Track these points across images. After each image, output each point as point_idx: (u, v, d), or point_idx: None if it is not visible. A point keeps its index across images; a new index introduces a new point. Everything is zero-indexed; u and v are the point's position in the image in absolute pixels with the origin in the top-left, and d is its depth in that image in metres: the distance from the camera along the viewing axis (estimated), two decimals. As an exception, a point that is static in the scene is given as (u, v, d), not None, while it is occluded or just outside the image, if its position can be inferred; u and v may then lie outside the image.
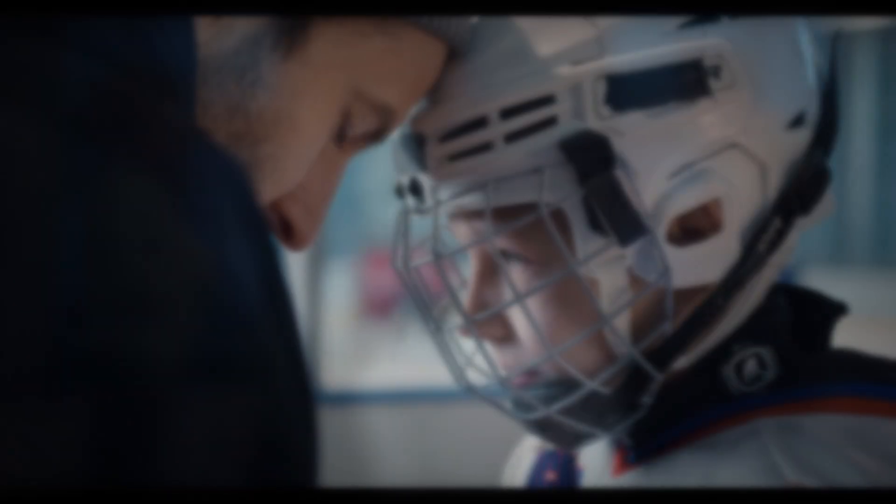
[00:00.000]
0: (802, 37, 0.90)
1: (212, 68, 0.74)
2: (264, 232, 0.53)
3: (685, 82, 0.85)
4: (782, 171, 0.89)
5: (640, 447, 0.91)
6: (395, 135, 0.90)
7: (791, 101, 0.89)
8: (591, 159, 0.84)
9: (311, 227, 0.82)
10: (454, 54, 0.85)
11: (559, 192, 0.84)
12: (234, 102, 0.74)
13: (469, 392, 0.93)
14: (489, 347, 0.92)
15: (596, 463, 0.96)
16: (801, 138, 0.89)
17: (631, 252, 0.86)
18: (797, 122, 0.89)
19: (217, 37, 0.73)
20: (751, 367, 0.90)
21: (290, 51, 0.75)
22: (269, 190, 0.78)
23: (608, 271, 0.86)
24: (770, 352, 0.90)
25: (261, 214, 0.54)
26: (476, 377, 0.93)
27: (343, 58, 0.77)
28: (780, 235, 0.89)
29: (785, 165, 0.89)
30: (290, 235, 0.82)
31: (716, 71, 0.86)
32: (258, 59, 0.75)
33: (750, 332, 0.90)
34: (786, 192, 0.89)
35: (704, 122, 0.86)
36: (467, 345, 0.95)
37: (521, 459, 1.05)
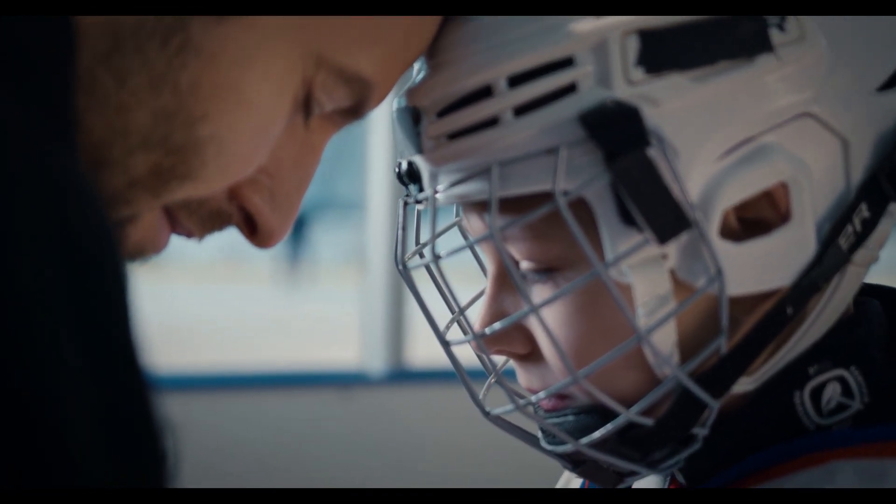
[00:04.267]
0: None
1: (126, 31, 0.60)
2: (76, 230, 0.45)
3: (739, 36, 0.68)
4: (870, 146, 0.71)
5: (693, 488, 0.74)
6: (393, 108, 0.74)
7: (880, 56, 0.71)
8: (620, 136, 0.66)
9: (279, 220, 0.68)
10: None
11: (580, 176, 0.67)
12: (158, 73, 0.60)
13: (490, 419, 0.76)
14: (517, 367, 0.76)
15: None
16: (894, 104, 0.71)
17: (673, 251, 0.69)
18: (890, 83, 0.71)
19: None
20: (831, 393, 0.72)
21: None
22: (216, 177, 0.64)
23: (644, 275, 0.69)
24: (857, 375, 0.71)
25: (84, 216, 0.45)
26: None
27: (299, 17, 0.62)
28: (868, 226, 0.71)
29: (873, 138, 0.71)
30: (254, 230, 0.67)
31: (779, 20, 0.68)
32: (184, 19, 0.60)
33: (831, 349, 0.72)
34: (874, 171, 0.71)
35: (765, 85, 0.68)
36: (495, 359, 0.79)
37: (569, 482, 0.89)
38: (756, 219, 0.70)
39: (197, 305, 15.73)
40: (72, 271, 0.43)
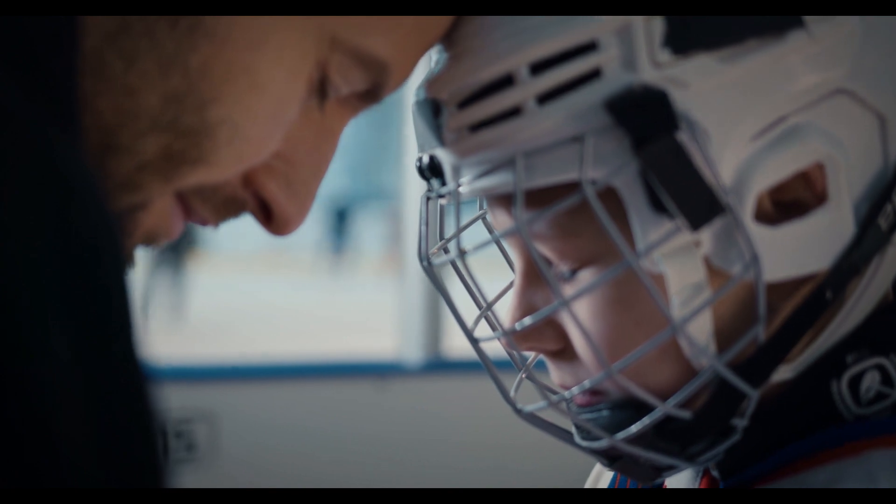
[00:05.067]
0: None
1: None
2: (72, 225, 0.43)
3: (769, 12, 0.65)
4: None
5: (728, 479, 0.72)
6: (412, 100, 0.72)
7: None
8: (648, 120, 0.64)
9: (296, 206, 0.66)
10: None
11: (608, 165, 0.65)
12: (167, 55, 0.59)
13: (523, 417, 0.74)
14: (549, 363, 0.74)
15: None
16: None
17: (707, 238, 0.66)
18: None
19: None
20: (870, 382, 0.69)
21: None
22: (229, 162, 0.62)
23: (678, 264, 0.67)
24: None
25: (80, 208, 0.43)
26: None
27: None
28: None
29: None
30: (270, 217, 0.66)
31: None
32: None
33: (870, 336, 0.69)
34: None
35: (796, 62, 0.65)
36: (526, 356, 0.77)
37: (601, 475, 0.87)
38: (792, 201, 0.67)
39: (237, 296, 15.80)
40: (66, 262, 0.42)
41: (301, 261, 21.32)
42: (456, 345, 3.63)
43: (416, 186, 3.72)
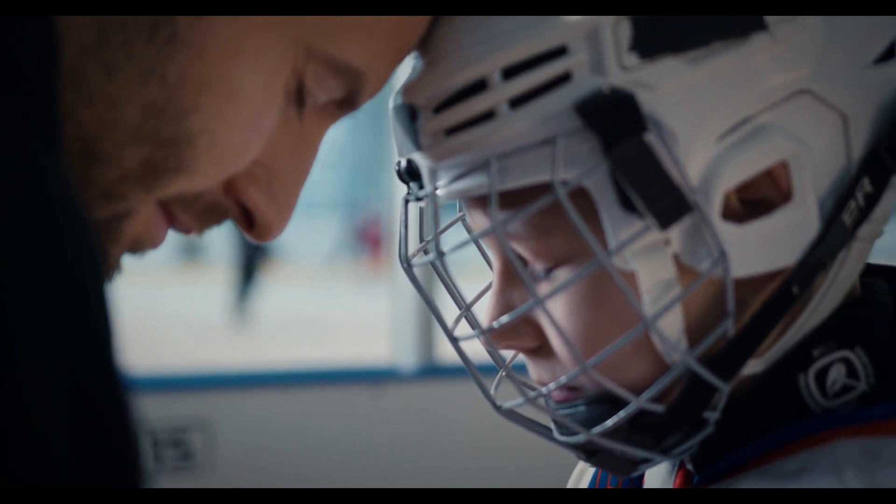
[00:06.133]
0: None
1: (113, 24, 0.60)
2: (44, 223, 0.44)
3: (732, 15, 0.67)
4: (869, 119, 0.70)
5: (702, 471, 0.74)
6: (390, 105, 0.74)
7: (874, 29, 0.70)
8: (616, 123, 0.66)
9: (278, 213, 0.68)
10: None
11: (579, 166, 0.67)
12: (146, 66, 0.61)
13: (502, 414, 0.76)
14: (528, 361, 0.76)
15: (657, 483, 0.79)
16: (892, 74, 0.70)
17: (676, 235, 0.68)
18: (888, 54, 0.70)
19: None
20: (836, 375, 0.71)
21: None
22: (209, 170, 0.64)
23: (648, 262, 0.69)
24: (862, 356, 0.71)
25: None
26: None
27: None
28: (871, 201, 0.70)
29: (872, 111, 0.70)
30: (252, 223, 0.67)
31: None
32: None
33: (836, 330, 0.71)
34: (875, 144, 0.70)
35: (761, 63, 0.67)
36: (505, 355, 0.79)
37: (584, 474, 0.88)
38: (758, 199, 0.69)
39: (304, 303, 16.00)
40: (45, 268, 0.43)
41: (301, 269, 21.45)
42: (450, 350, 3.65)
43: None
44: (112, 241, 0.64)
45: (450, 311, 0.78)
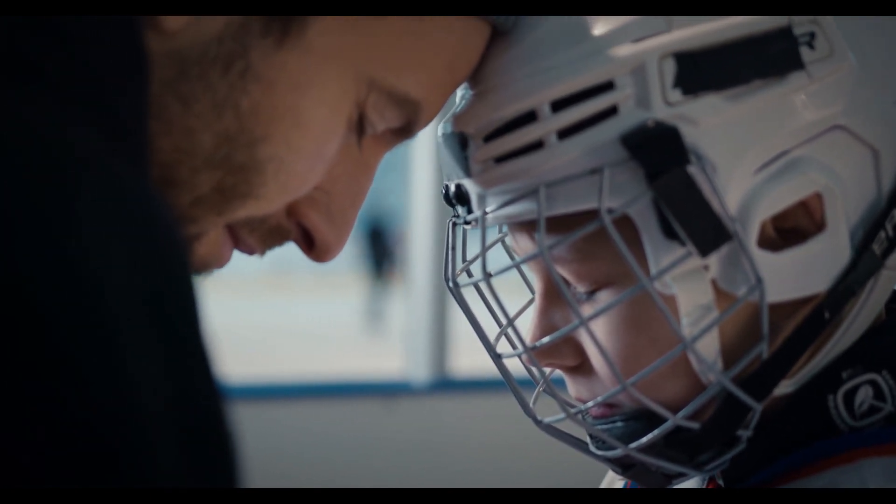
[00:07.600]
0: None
1: (191, 59, 0.64)
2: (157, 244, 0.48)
3: (772, 55, 0.71)
4: None
5: (731, 486, 0.77)
6: (439, 133, 0.78)
7: None
8: (660, 154, 0.70)
9: (336, 235, 0.71)
10: (498, 35, 0.73)
11: (624, 195, 0.71)
12: (220, 98, 0.64)
13: (542, 428, 0.80)
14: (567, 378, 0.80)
15: None
16: None
17: (714, 262, 0.72)
18: None
19: (195, 23, 0.63)
20: (864, 397, 0.75)
21: (284, 37, 0.65)
22: (276, 195, 0.68)
23: (687, 286, 0.72)
24: (889, 379, 0.75)
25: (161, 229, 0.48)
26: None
27: (351, 43, 0.67)
28: None
29: None
30: (312, 245, 0.71)
31: (809, 39, 0.71)
32: (246, 47, 0.64)
33: (864, 353, 0.75)
34: None
35: (797, 101, 0.71)
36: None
37: (613, 484, 0.92)
38: (793, 228, 0.73)
39: (243, 316, 15.92)
40: (154, 289, 0.46)
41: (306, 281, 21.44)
42: (462, 364, 3.68)
43: (422, 210, 3.77)
44: None
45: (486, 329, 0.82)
